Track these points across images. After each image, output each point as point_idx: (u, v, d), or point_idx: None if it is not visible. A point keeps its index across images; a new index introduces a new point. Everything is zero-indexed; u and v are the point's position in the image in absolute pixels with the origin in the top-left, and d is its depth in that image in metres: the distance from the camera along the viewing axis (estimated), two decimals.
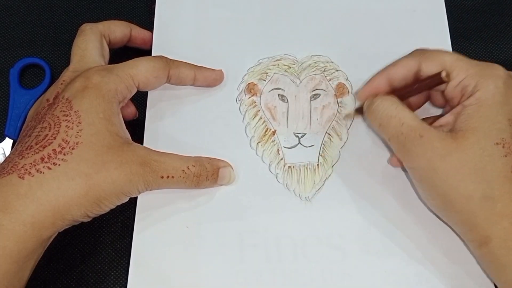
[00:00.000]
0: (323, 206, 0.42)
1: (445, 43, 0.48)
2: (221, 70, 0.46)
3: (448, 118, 0.38)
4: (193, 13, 0.49)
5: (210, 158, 0.41)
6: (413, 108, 0.43)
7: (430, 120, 0.41)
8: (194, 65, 0.44)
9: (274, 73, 0.46)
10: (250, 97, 0.46)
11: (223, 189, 0.42)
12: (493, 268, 0.36)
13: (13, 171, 0.35)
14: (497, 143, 0.36)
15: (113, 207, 0.38)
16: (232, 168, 0.42)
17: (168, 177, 0.38)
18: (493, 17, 0.53)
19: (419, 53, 0.40)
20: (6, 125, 0.47)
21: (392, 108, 0.38)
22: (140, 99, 0.46)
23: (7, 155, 0.46)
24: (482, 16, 0.52)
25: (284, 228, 0.41)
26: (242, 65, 0.47)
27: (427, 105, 0.44)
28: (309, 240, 0.41)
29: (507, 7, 0.53)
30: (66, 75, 0.41)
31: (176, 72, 0.43)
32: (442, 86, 0.39)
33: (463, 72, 0.38)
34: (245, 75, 0.47)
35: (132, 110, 0.45)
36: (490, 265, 0.36)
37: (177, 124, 0.45)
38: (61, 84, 0.40)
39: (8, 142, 0.47)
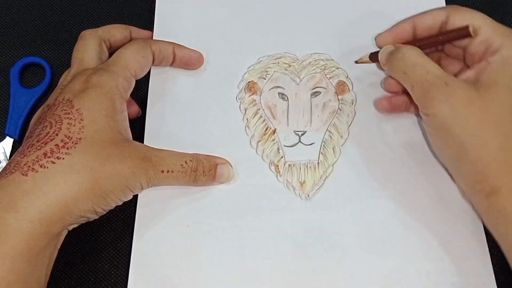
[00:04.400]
0: (323, 205, 0.42)
1: None
2: (200, 52, 0.46)
3: (469, 73, 0.40)
4: (193, 11, 0.49)
5: (207, 155, 0.42)
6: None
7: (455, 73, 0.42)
8: (171, 42, 0.45)
9: (274, 71, 0.46)
10: (250, 96, 0.46)
11: (223, 188, 0.42)
12: (499, 220, 0.37)
13: (15, 170, 0.35)
14: None
15: (119, 202, 0.38)
16: (231, 166, 0.42)
17: (168, 171, 0.39)
18: (494, 16, 0.52)
19: (450, 7, 0.41)
20: (7, 124, 0.47)
21: (418, 57, 0.39)
22: (140, 98, 0.46)
23: (7, 154, 0.46)
24: None
25: (284, 227, 0.41)
26: (242, 63, 0.47)
27: None
28: (309, 238, 0.41)
29: (508, 6, 0.53)
30: (66, 79, 0.41)
31: (157, 48, 0.43)
32: (465, 42, 0.40)
33: (491, 30, 0.39)
34: (245, 73, 0.47)
35: (135, 109, 0.45)
36: (497, 215, 0.37)
37: (177, 123, 0.45)
38: (61, 89, 0.40)
39: (8, 141, 0.47)
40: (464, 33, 0.40)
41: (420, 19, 0.42)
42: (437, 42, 0.42)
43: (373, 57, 0.44)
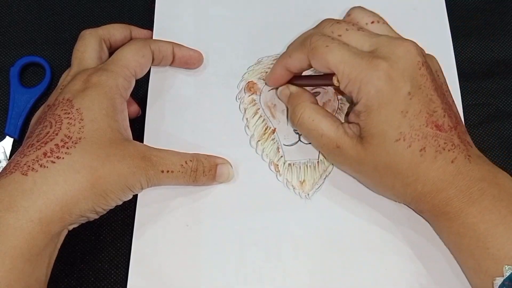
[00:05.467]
0: (323, 204, 0.42)
1: (446, 41, 0.48)
2: (199, 51, 0.46)
3: (352, 116, 0.40)
4: (193, 11, 0.49)
5: (208, 155, 0.42)
6: None
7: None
8: (171, 41, 0.45)
9: None
10: (250, 96, 0.46)
11: (223, 188, 0.42)
12: (434, 230, 0.41)
13: (15, 169, 0.35)
14: (397, 140, 0.37)
15: (119, 202, 0.38)
16: (231, 166, 0.42)
17: (168, 171, 0.39)
18: (494, 15, 0.53)
19: (307, 48, 0.40)
20: (7, 124, 0.47)
21: (310, 121, 0.41)
22: (140, 98, 0.46)
23: (7, 154, 0.46)
24: (483, 15, 0.52)
25: (284, 226, 0.41)
26: (242, 64, 0.47)
27: None
28: (309, 238, 0.41)
29: (508, 5, 0.53)
30: (66, 79, 0.41)
31: (157, 47, 0.43)
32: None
33: (345, 78, 0.38)
34: (245, 73, 0.47)
35: (135, 108, 0.45)
36: (432, 227, 0.41)
37: (177, 123, 0.45)
38: (61, 89, 0.40)
39: (8, 140, 0.47)
40: (330, 82, 0.39)
41: (289, 63, 0.42)
42: (311, 85, 0.43)
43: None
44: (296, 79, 0.43)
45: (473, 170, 0.37)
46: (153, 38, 0.47)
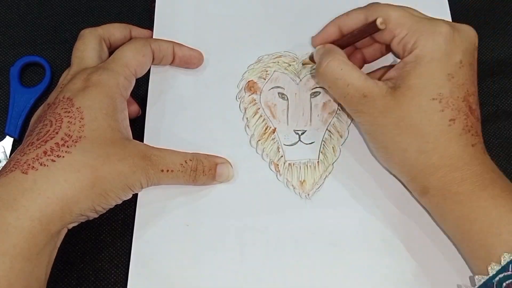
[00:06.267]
0: (323, 204, 0.42)
1: None
2: (199, 51, 0.46)
3: (392, 72, 0.40)
4: (193, 10, 0.49)
5: (207, 155, 0.42)
6: (368, 61, 0.45)
7: (383, 71, 0.43)
8: (171, 40, 0.45)
9: (274, 71, 0.46)
10: (250, 95, 0.46)
11: (223, 187, 0.42)
12: (435, 215, 0.40)
13: (15, 168, 0.35)
14: (433, 99, 0.37)
15: (119, 201, 0.38)
16: (231, 165, 0.42)
17: (168, 170, 0.39)
18: (495, 15, 0.53)
19: (370, 6, 0.41)
20: (7, 124, 0.47)
21: (338, 70, 0.39)
22: (140, 97, 0.46)
23: (7, 153, 0.46)
24: (483, 15, 0.52)
25: (284, 226, 0.41)
26: (242, 63, 0.47)
27: None
28: (309, 237, 0.41)
29: (509, 5, 0.53)
30: (66, 78, 0.41)
31: (157, 46, 0.44)
32: (387, 39, 0.40)
33: (405, 29, 0.38)
34: (245, 72, 0.47)
35: (135, 108, 0.45)
36: (432, 212, 0.40)
37: (177, 122, 0.45)
38: (61, 88, 0.40)
39: (8, 140, 0.47)
40: (373, 27, 0.39)
41: (343, 21, 0.43)
42: (353, 38, 0.42)
43: (312, 58, 0.45)
44: (338, 40, 0.44)
45: (487, 160, 0.38)
46: (153, 37, 0.47)
